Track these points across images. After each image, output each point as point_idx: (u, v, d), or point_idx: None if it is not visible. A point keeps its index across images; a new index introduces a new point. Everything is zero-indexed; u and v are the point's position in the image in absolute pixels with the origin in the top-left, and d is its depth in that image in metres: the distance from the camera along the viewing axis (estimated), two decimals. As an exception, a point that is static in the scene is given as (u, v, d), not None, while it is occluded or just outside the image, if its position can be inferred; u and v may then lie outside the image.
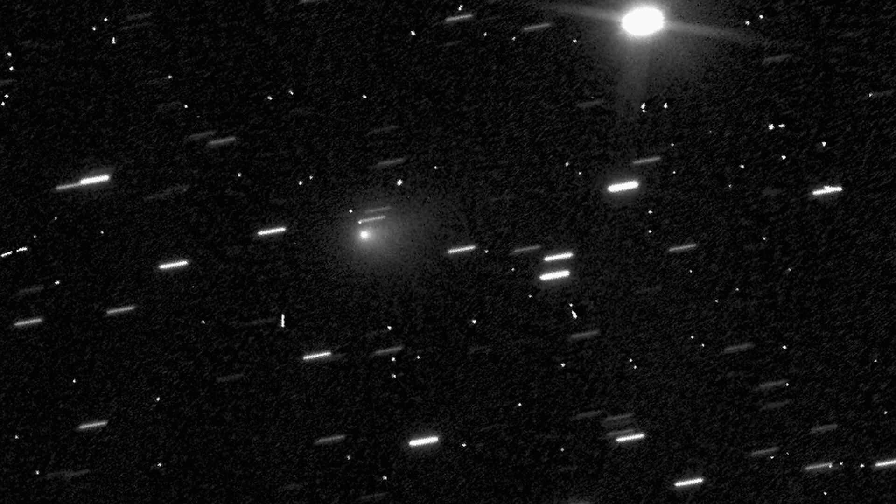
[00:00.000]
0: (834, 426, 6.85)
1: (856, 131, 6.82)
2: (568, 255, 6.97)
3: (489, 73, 6.92)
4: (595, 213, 6.95)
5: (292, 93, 6.95)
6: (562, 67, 6.91)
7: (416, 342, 7.01)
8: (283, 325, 6.99)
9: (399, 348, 7.00)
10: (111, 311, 6.95)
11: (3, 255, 6.91)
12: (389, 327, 7.01)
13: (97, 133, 6.93)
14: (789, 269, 6.90)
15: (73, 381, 6.98)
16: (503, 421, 6.99)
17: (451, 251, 6.97)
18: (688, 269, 6.95)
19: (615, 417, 6.94)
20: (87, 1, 6.91)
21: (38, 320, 6.94)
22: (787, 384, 6.90)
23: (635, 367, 6.97)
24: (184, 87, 6.93)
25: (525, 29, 6.88)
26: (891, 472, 6.81)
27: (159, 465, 6.96)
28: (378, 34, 6.92)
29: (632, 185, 6.92)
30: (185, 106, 6.93)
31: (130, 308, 6.95)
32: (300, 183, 6.98)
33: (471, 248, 6.98)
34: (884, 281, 6.86)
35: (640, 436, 6.92)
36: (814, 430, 6.86)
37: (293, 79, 6.94)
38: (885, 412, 6.84)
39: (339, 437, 6.98)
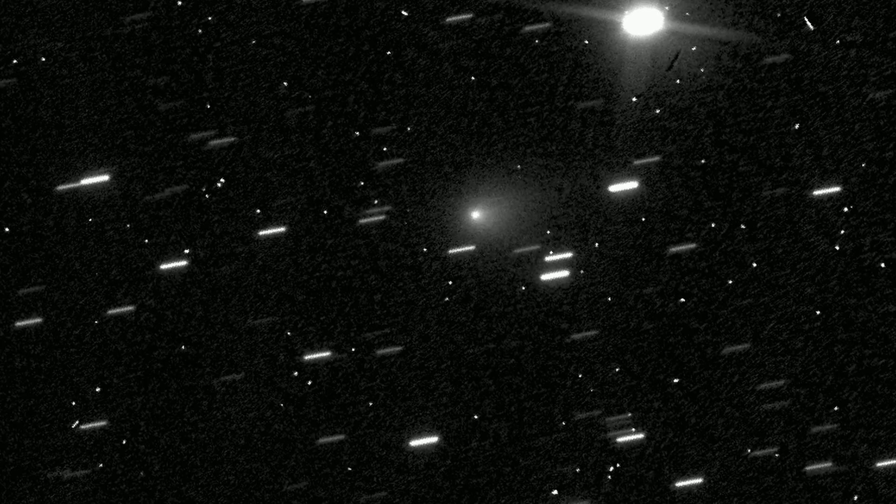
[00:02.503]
0: (834, 426, 6.85)
1: (856, 131, 6.82)
2: (568, 255, 6.97)
3: (489, 73, 6.92)
4: (595, 213, 6.95)
5: (292, 93, 6.95)
6: (562, 67, 6.91)
7: (417, 342, 7.01)
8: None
9: (399, 348, 7.00)
10: (111, 311, 6.95)
11: (9, 253, 6.91)
12: (389, 327, 7.01)
13: (97, 133, 6.93)
14: (787, 269, 6.90)
15: (73, 381, 6.97)
16: (503, 421, 6.99)
17: (451, 251, 6.97)
18: (688, 269, 6.95)
19: (615, 417, 6.94)
20: (88, 1, 6.91)
21: (38, 320, 6.94)
22: (787, 384, 6.90)
23: (635, 366, 6.97)
24: (184, 87, 6.93)
25: (525, 29, 6.88)
26: (891, 472, 6.81)
27: (159, 465, 6.96)
28: (378, 34, 6.92)
29: (632, 185, 6.92)
30: (185, 106, 6.93)
31: (130, 308, 6.95)
32: (300, 183, 6.98)
33: (471, 248, 6.98)
34: (884, 281, 6.86)
35: (640, 436, 6.92)
36: (814, 430, 6.86)
37: (293, 78, 6.94)
38: (885, 412, 6.83)
39: (339, 437, 6.98)
